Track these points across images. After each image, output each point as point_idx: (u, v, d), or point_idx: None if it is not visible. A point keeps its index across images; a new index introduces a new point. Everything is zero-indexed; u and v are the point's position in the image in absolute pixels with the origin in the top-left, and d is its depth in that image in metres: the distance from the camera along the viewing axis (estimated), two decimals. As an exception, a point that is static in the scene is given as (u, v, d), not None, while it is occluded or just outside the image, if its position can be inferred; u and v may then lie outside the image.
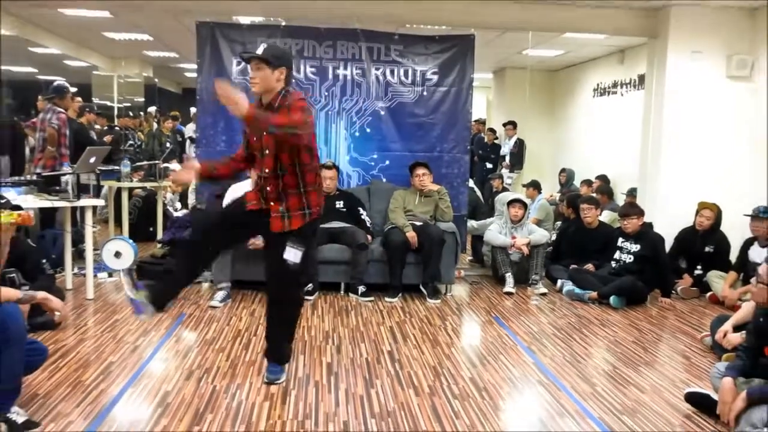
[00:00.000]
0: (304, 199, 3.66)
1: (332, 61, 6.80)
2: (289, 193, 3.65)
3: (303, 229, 3.69)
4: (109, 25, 9.66)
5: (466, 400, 3.73)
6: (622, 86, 10.29)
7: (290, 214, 3.66)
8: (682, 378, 4.22)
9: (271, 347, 3.99)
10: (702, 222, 6.50)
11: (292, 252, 3.66)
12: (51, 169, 6.60)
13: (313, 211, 3.70)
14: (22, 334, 3.15)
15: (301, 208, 3.66)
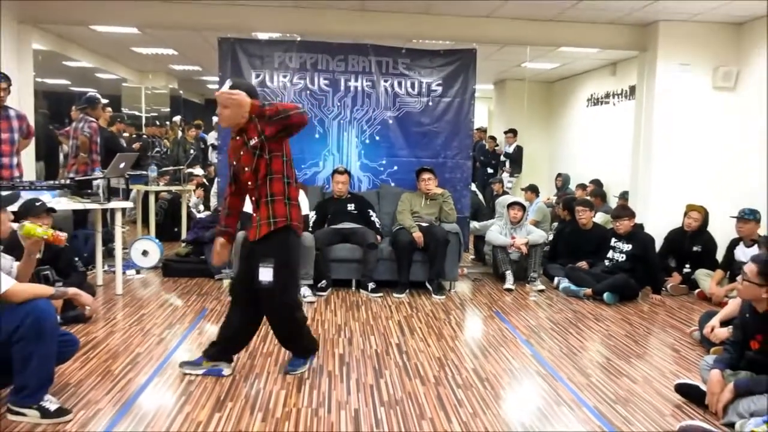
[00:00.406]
0: (270, 209, 3.51)
1: (344, 73, 6.80)
2: (260, 203, 3.55)
3: (270, 238, 3.52)
4: (137, 41, 9.68)
5: (469, 390, 3.70)
6: (614, 96, 10.23)
7: (260, 222, 3.55)
8: (672, 370, 4.18)
9: (289, 348, 3.94)
10: (690, 223, 6.44)
11: (263, 271, 3.49)
12: (83, 173, 6.61)
13: (278, 221, 3.51)
14: (55, 329, 3.15)
15: (268, 217, 3.52)
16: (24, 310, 2.98)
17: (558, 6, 6.65)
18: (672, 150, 7.18)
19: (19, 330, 2.95)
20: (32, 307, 2.99)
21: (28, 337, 2.96)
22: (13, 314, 2.98)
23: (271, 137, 3.41)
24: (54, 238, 3.34)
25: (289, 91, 6.75)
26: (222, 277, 6.27)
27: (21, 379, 3.05)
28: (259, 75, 6.72)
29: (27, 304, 2.99)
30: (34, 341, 2.99)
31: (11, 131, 5.63)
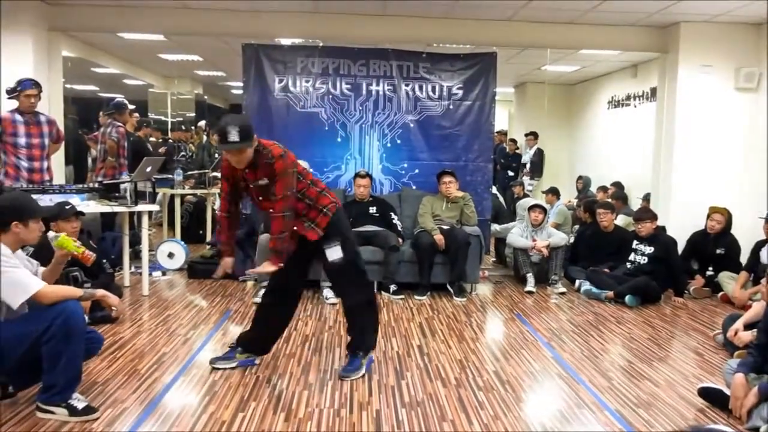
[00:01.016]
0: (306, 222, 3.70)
1: (366, 78, 6.80)
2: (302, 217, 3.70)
3: (329, 228, 3.71)
4: (163, 48, 9.78)
5: (490, 392, 3.68)
6: (635, 98, 10.12)
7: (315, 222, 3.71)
8: (695, 373, 4.11)
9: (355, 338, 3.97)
10: (713, 225, 6.35)
11: (331, 251, 3.70)
12: (111, 177, 6.68)
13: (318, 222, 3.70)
14: (83, 329, 3.19)
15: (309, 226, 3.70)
16: (54, 311, 3.02)
17: (578, 8, 6.60)
18: (694, 152, 7.08)
19: (50, 330, 3.00)
20: (62, 308, 3.04)
21: (58, 337, 3.00)
22: (43, 315, 3.02)
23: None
24: (83, 257, 3.38)
25: (311, 96, 6.77)
26: (246, 278, 6.30)
27: (50, 378, 3.09)
28: (282, 80, 6.75)
29: (57, 306, 3.03)
30: (64, 341, 3.03)
31: (42, 136, 5.72)
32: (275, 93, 6.75)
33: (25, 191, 5.03)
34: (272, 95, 6.75)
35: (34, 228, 3.18)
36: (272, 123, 6.76)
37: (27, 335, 3.01)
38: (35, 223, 3.18)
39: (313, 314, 5.27)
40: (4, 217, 3.08)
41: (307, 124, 6.79)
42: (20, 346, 3.02)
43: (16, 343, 3.01)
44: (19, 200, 3.27)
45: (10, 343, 3.01)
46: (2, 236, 3.06)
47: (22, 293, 2.98)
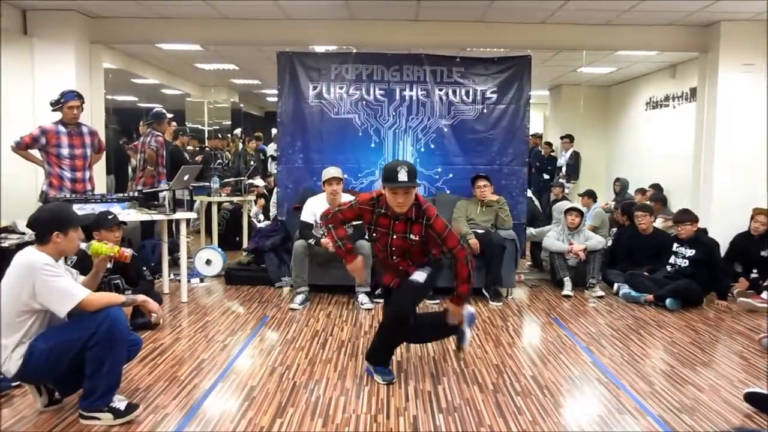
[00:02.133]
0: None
1: (399, 83, 6.81)
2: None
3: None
4: (200, 57, 9.96)
5: (528, 397, 3.63)
6: (674, 99, 9.93)
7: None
8: (740, 378, 4.00)
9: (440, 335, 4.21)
10: (757, 227, 6.20)
11: (418, 274, 3.83)
12: (150, 186, 6.81)
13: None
14: (126, 335, 3.26)
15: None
16: (99, 317, 3.09)
17: (615, 9, 6.51)
18: (736, 152, 6.92)
19: (95, 336, 3.06)
20: (106, 315, 3.11)
21: (102, 343, 3.07)
22: (88, 322, 3.09)
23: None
24: (120, 255, 3.47)
25: (345, 102, 6.80)
26: (282, 284, 6.35)
27: (91, 383, 3.14)
28: (316, 87, 6.80)
29: (101, 312, 3.10)
30: (108, 347, 3.10)
31: (84, 147, 5.85)
32: (309, 100, 6.80)
33: (68, 201, 5.16)
34: (306, 102, 6.81)
35: (74, 237, 3.25)
36: (306, 129, 6.81)
37: (75, 341, 3.08)
38: (75, 233, 3.25)
39: (348, 320, 5.28)
40: (45, 229, 3.16)
41: (341, 130, 6.82)
42: (69, 353, 3.09)
43: (66, 350, 3.09)
44: (58, 211, 3.35)
45: (60, 350, 3.08)
46: (44, 247, 3.14)
47: (69, 301, 3.05)
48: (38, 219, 3.23)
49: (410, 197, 3.63)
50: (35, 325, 3.11)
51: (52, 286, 3.03)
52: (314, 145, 6.84)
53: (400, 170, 3.56)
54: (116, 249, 3.46)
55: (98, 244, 3.45)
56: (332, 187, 5.71)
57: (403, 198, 3.61)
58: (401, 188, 3.58)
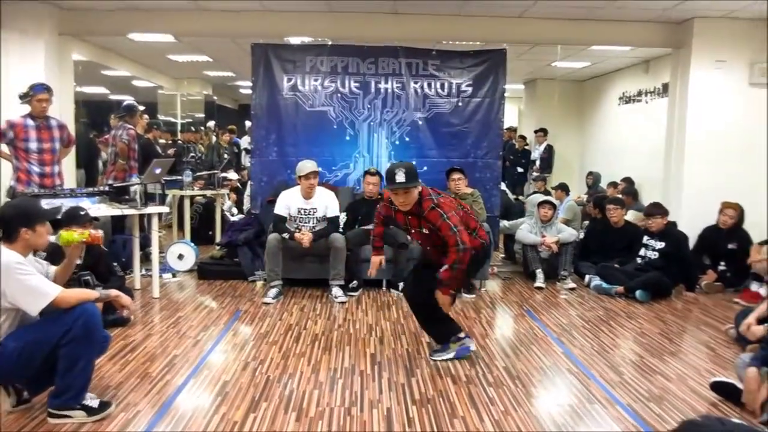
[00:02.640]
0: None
1: (374, 76, 6.83)
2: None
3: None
4: (172, 49, 9.84)
5: (501, 388, 3.68)
6: (647, 94, 10.07)
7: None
8: (707, 368, 4.10)
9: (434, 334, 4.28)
10: (725, 220, 6.32)
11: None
12: (121, 180, 6.72)
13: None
14: (101, 332, 3.23)
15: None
16: (73, 314, 3.04)
17: (590, 5, 6.57)
18: (706, 147, 7.04)
19: (69, 333, 3.02)
20: (82, 311, 3.06)
21: (78, 339, 3.03)
22: (62, 319, 3.04)
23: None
24: (92, 238, 3.43)
25: (320, 95, 6.80)
26: (255, 278, 6.33)
27: (65, 381, 3.09)
28: (291, 79, 6.79)
29: (76, 309, 3.06)
30: (84, 343, 3.06)
31: (53, 141, 5.77)
32: (284, 92, 6.79)
33: (36, 196, 5.08)
34: (281, 94, 6.79)
35: (43, 232, 3.20)
36: (281, 122, 6.80)
37: (48, 340, 3.03)
38: (43, 227, 3.21)
39: (322, 313, 5.29)
40: (12, 225, 3.09)
41: (316, 123, 6.82)
42: (42, 351, 3.04)
43: (38, 348, 3.03)
44: (24, 206, 3.30)
45: (32, 349, 3.02)
46: (12, 245, 3.08)
47: (42, 300, 3.00)
48: (4, 216, 3.15)
49: (410, 196, 3.85)
50: (5, 324, 3.04)
51: (24, 285, 2.97)
52: (289, 138, 6.83)
53: (398, 172, 3.80)
54: (86, 233, 3.41)
55: (67, 233, 3.38)
56: (309, 181, 5.71)
57: (403, 197, 3.86)
58: (399, 189, 3.82)
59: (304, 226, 5.81)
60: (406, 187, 3.82)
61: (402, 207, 3.92)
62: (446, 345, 4.20)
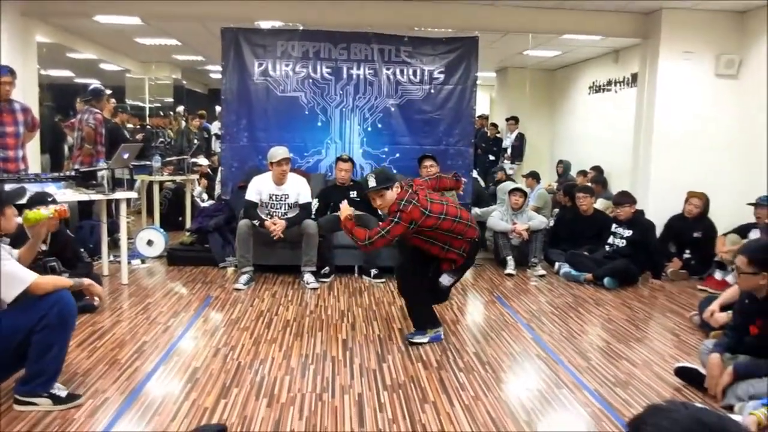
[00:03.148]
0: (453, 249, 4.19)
1: (346, 62, 6.79)
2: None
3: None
4: (140, 32, 9.66)
5: (471, 373, 3.73)
6: (616, 84, 10.19)
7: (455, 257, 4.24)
8: (671, 353, 4.20)
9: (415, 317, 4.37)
10: (691, 209, 6.44)
11: (445, 278, 4.28)
12: (88, 165, 6.61)
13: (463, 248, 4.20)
14: (74, 322, 3.20)
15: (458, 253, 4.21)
16: (50, 300, 3.00)
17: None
18: (673, 137, 7.15)
19: (44, 319, 2.97)
20: (58, 298, 3.03)
21: (53, 326, 2.99)
22: (37, 305, 2.99)
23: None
24: (60, 213, 3.39)
25: (291, 80, 6.75)
26: (226, 265, 6.30)
27: (36, 367, 3.05)
28: (261, 64, 6.72)
29: (52, 295, 3.01)
30: (58, 330, 3.03)
31: (16, 124, 5.64)
32: (255, 77, 6.72)
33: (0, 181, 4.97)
34: (252, 79, 6.72)
35: (10, 216, 3.15)
36: (252, 107, 6.74)
37: (22, 326, 2.98)
38: (10, 210, 3.15)
39: (294, 299, 5.29)
40: None
41: (287, 109, 6.77)
42: (15, 339, 2.99)
43: (11, 336, 2.98)
44: None
45: (7, 335, 2.98)
46: None
47: (18, 286, 2.95)
48: None
49: (385, 198, 4.10)
50: None
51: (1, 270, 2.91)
52: (260, 123, 6.78)
53: (369, 178, 4.15)
54: (52, 209, 3.36)
55: (33, 212, 3.31)
56: (281, 167, 5.67)
57: (380, 200, 4.13)
58: (373, 192, 4.12)
59: (276, 212, 5.78)
60: (377, 189, 4.09)
61: (381, 209, 4.31)
62: (422, 331, 4.26)
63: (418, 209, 3.97)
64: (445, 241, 4.13)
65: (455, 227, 4.09)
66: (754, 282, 3.33)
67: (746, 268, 3.33)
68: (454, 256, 4.19)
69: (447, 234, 4.10)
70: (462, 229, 4.13)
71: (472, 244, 4.23)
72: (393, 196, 4.07)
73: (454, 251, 4.17)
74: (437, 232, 4.09)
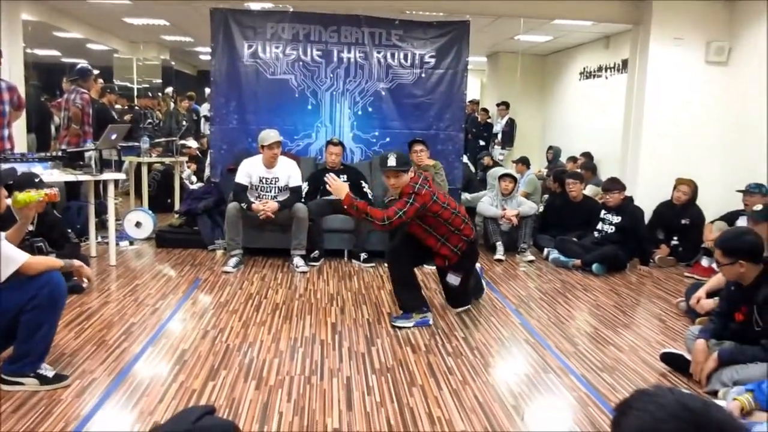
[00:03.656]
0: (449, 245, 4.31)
1: (337, 44, 6.74)
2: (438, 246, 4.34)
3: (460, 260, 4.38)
4: (128, 11, 9.55)
5: (459, 358, 3.75)
6: (607, 70, 10.20)
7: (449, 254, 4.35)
8: (658, 339, 4.23)
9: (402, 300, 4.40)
10: (679, 196, 6.47)
11: (452, 277, 4.44)
12: (75, 145, 6.56)
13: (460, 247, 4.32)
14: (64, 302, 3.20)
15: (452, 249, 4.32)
16: (41, 281, 3.01)
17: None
18: (663, 124, 7.17)
19: (35, 299, 2.98)
20: (48, 279, 3.03)
21: (43, 306, 3.00)
22: (27, 285, 2.99)
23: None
24: (50, 197, 3.38)
25: (281, 62, 6.70)
26: (215, 247, 6.28)
27: (25, 347, 3.05)
28: (251, 46, 6.66)
29: (43, 276, 3.02)
30: (48, 310, 3.03)
31: (2, 103, 5.57)
32: (244, 59, 6.66)
33: (-14, 160, 4.92)
34: (241, 61, 6.67)
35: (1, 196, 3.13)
36: (241, 90, 6.69)
37: (12, 306, 2.98)
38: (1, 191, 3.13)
39: (283, 283, 5.28)
40: None
41: (277, 92, 6.73)
42: (5, 317, 2.99)
43: (1, 314, 2.98)
44: None
45: None
46: None
47: (10, 266, 2.94)
48: None
49: (400, 180, 4.20)
50: None
51: None
52: (249, 105, 6.73)
53: (390, 156, 4.22)
54: (42, 193, 3.36)
55: (23, 195, 3.30)
56: (273, 150, 5.65)
57: (395, 180, 4.22)
58: (390, 171, 4.20)
59: (266, 196, 5.76)
60: (396, 170, 4.18)
61: (393, 189, 4.38)
62: (409, 314, 4.29)
63: (429, 194, 4.17)
64: (442, 233, 4.28)
65: (454, 220, 4.26)
66: (735, 271, 3.36)
67: (723, 259, 3.36)
68: (447, 252, 4.32)
69: (446, 225, 4.25)
70: (459, 224, 4.29)
71: (469, 244, 4.37)
72: (407, 180, 4.21)
73: (449, 246, 4.30)
74: (438, 221, 4.24)
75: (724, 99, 7.09)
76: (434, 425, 2.91)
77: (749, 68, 6.77)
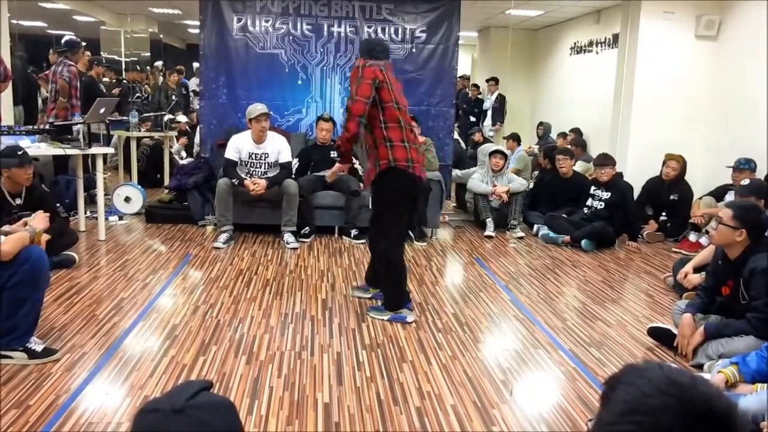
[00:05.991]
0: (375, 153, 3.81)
1: (327, 18, 6.66)
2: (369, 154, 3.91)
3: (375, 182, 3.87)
4: (115, -17, 9.38)
5: (449, 334, 3.76)
6: (598, 45, 10.13)
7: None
8: (645, 314, 4.27)
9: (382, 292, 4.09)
10: (668, 172, 6.48)
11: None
12: (63, 119, 6.47)
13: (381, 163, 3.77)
14: (48, 274, 3.19)
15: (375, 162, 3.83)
16: (20, 257, 2.99)
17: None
18: (653, 99, 7.17)
19: (15, 276, 2.96)
20: (28, 254, 3.01)
21: (24, 282, 2.98)
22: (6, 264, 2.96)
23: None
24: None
25: (271, 36, 6.61)
26: (205, 223, 6.25)
27: (9, 323, 3.04)
28: (240, 19, 6.56)
29: (21, 254, 2.99)
30: (30, 286, 3.01)
31: (-13, 75, 5.48)
32: (234, 33, 6.57)
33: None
34: (230, 35, 6.57)
35: None
36: (231, 64, 6.60)
37: None
38: None
39: (274, 259, 5.27)
40: None
41: (267, 66, 6.65)
42: None
43: None
44: None
45: None
46: None
47: None
48: None
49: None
50: None
51: None
52: (239, 80, 6.65)
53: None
54: None
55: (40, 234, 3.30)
56: (260, 123, 5.59)
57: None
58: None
59: (256, 172, 5.72)
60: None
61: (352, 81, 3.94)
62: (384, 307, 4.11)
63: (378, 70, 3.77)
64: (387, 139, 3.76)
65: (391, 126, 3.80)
66: (730, 237, 3.39)
67: (729, 221, 3.38)
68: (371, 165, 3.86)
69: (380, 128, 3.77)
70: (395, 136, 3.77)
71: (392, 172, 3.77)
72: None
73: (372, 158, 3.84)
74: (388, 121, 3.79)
75: (713, 74, 7.08)
76: (424, 399, 2.93)
77: (739, 42, 6.76)
